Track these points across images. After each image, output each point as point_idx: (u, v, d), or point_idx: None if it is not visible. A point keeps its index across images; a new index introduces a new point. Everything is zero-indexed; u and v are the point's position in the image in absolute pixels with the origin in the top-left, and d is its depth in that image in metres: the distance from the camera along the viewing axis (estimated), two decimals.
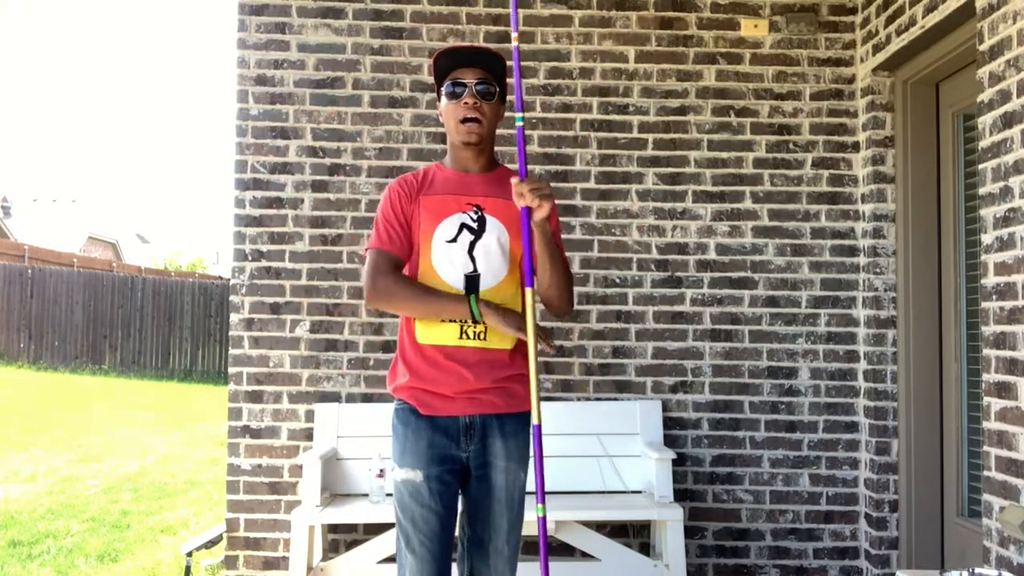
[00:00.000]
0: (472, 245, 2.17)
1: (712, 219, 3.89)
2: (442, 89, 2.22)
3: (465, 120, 2.16)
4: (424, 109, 3.89)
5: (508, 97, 2.31)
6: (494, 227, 2.18)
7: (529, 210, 2.06)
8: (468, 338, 2.14)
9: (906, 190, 3.71)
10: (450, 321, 2.14)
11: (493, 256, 2.17)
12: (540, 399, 2.13)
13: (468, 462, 2.19)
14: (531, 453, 2.21)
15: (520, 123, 2.10)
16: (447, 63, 2.19)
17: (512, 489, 2.18)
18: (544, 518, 2.07)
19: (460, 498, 2.24)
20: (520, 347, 2.21)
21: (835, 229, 3.90)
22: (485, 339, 2.14)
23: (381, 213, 2.23)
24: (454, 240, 2.16)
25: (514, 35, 2.12)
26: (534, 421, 2.10)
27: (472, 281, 2.15)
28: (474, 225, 2.18)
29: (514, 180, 2.06)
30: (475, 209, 2.19)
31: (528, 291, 2.11)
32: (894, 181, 3.76)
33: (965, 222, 3.48)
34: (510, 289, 2.20)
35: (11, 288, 13.93)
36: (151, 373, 14.00)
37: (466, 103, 2.15)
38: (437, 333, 2.15)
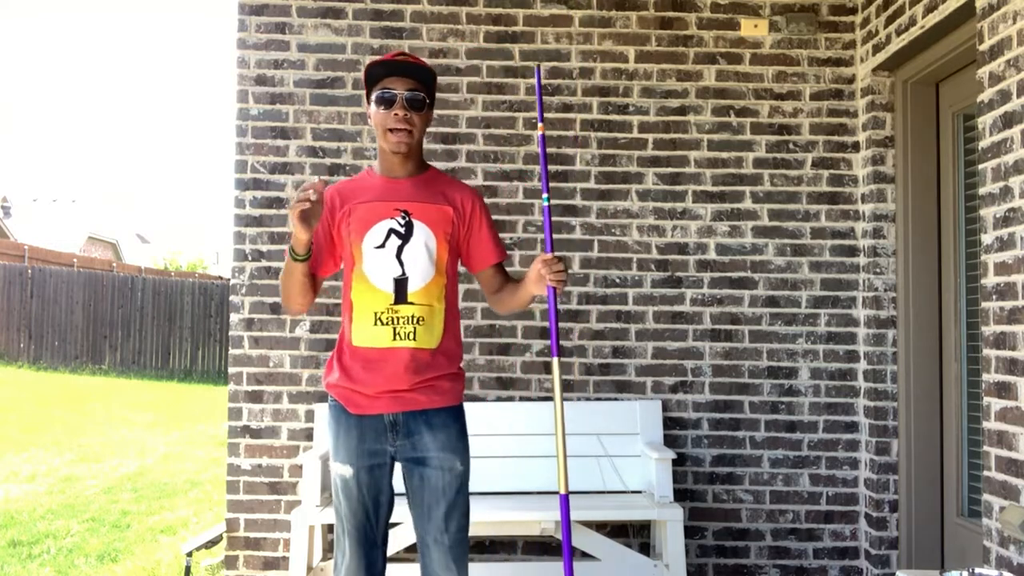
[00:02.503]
0: (400, 250, 2.27)
1: (712, 219, 3.89)
2: (372, 95, 2.29)
3: (395, 130, 2.26)
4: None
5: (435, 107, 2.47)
6: (421, 232, 2.29)
7: (555, 288, 2.25)
8: (400, 339, 2.24)
9: (906, 190, 3.71)
10: (382, 324, 2.24)
11: (420, 260, 2.28)
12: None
13: (396, 456, 2.29)
14: (466, 445, 2.33)
15: (547, 203, 2.30)
16: (379, 71, 2.28)
17: (446, 477, 2.27)
18: None
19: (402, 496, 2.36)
20: (444, 346, 2.31)
21: (835, 229, 3.90)
22: (415, 339, 2.25)
23: None
24: (382, 246, 2.27)
25: (540, 125, 2.33)
26: (561, 491, 2.23)
27: (400, 284, 2.26)
28: (401, 230, 2.28)
29: (540, 260, 2.22)
30: (403, 214, 2.28)
31: (555, 361, 2.27)
32: (894, 181, 3.76)
33: (965, 222, 3.48)
34: (436, 290, 2.30)
35: (11, 288, 13.92)
36: (151, 373, 13.99)
37: (396, 114, 2.25)
38: (372, 336, 2.25)
